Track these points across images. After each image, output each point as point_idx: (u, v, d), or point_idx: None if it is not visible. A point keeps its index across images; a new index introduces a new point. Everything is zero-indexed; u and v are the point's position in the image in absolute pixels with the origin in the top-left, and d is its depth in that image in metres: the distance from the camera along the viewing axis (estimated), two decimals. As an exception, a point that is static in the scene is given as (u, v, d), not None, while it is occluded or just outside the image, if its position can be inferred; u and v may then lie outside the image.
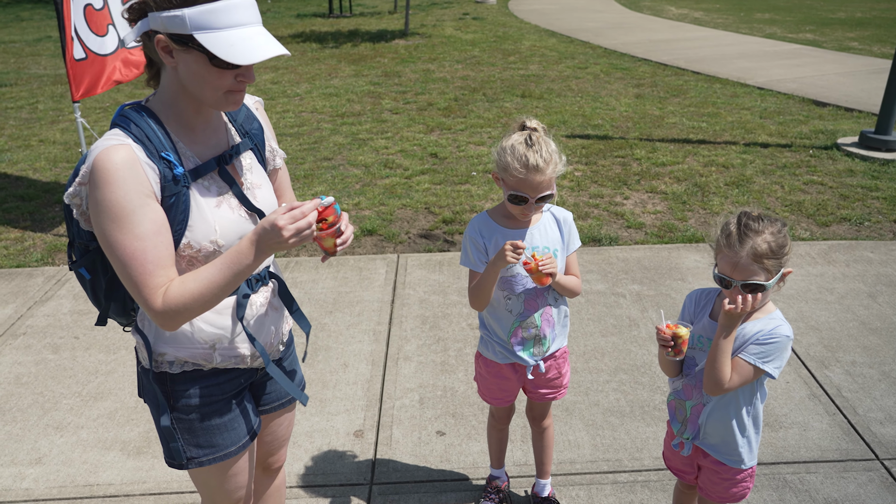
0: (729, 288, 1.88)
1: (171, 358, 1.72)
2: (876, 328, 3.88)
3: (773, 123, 7.68)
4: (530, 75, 10.12)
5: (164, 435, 1.81)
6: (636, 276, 4.46)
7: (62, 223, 5.42)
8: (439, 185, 6.02)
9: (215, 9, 1.46)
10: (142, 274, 1.51)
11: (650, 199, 5.71)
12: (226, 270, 1.55)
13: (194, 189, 1.63)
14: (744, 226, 1.84)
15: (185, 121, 1.65)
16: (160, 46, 1.51)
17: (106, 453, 3.05)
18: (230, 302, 1.73)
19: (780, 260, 1.84)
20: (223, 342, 1.74)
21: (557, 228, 2.30)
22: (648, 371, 3.53)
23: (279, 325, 1.89)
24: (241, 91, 1.59)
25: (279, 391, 2.02)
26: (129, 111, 1.59)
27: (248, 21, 1.51)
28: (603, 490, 2.81)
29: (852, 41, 12.99)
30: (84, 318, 4.08)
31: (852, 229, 5.15)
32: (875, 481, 2.83)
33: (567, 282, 2.29)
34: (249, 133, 1.80)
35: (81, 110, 8.23)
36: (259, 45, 1.50)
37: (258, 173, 1.80)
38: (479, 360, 2.50)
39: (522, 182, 2.09)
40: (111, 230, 1.50)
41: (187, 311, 1.55)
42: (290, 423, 2.14)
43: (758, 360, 1.91)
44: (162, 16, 1.47)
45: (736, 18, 16.08)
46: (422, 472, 2.91)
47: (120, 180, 1.48)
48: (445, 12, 17.14)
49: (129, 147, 1.51)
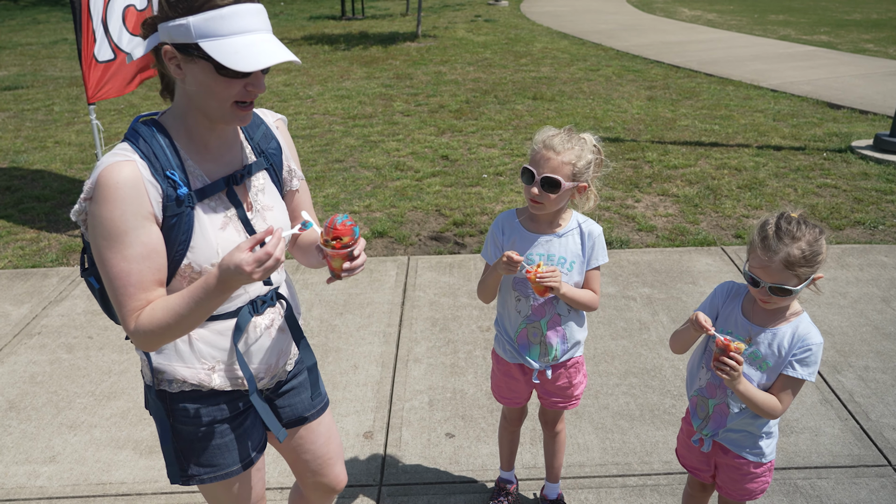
0: (757, 287, 1.89)
1: (169, 377, 1.69)
2: (889, 333, 3.85)
3: (787, 126, 7.63)
4: (542, 77, 10.11)
5: (166, 452, 1.79)
6: (647, 280, 4.44)
7: (76, 224, 5.47)
8: (450, 187, 6.03)
9: (220, 15, 1.43)
10: (123, 295, 1.52)
11: (662, 201, 5.69)
12: (191, 303, 1.51)
13: (199, 209, 1.59)
14: (782, 230, 1.84)
15: (197, 137, 1.61)
16: (168, 58, 1.50)
17: (119, 452, 3.08)
18: (231, 324, 1.69)
19: (811, 268, 1.84)
20: (222, 364, 1.70)
21: (580, 241, 2.26)
22: (658, 375, 3.52)
23: (286, 346, 1.84)
24: (249, 104, 1.56)
25: (295, 406, 1.95)
26: (140, 125, 1.58)
27: (254, 28, 1.47)
28: (612, 494, 2.80)
29: (868, 43, 12.89)
30: (97, 319, 4.12)
31: (866, 233, 5.11)
32: (887, 487, 2.81)
33: (578, 295, 2.24)
34: (266, 152, 1.74)
35: (96, 112, 8.31)
36: (265, 52, 1.46)
37: (271, 195, 1.74)
38: (493, 357, 2.53)
39: (535, 156, 2.13)
40: (103, 247, 1.50)
41: (157, 337, 1.54)
42: (328, 440, 2.04)
43: (804, 374, 1.95)
44: (169, 26, 1.46)
45: (750, 20, 15.99)
46: (431, 474, 2.92)
47: (119, 199, 1.47)
48: (457, 14, 17.16)
49: (133, 164, 1.49)
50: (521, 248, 2.25)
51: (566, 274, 2.24)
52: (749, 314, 2.01)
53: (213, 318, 1.68)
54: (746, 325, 2.01)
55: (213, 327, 1.68)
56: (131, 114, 8.55)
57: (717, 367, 1.89)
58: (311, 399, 1.98)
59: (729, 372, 1.87)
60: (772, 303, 1.92)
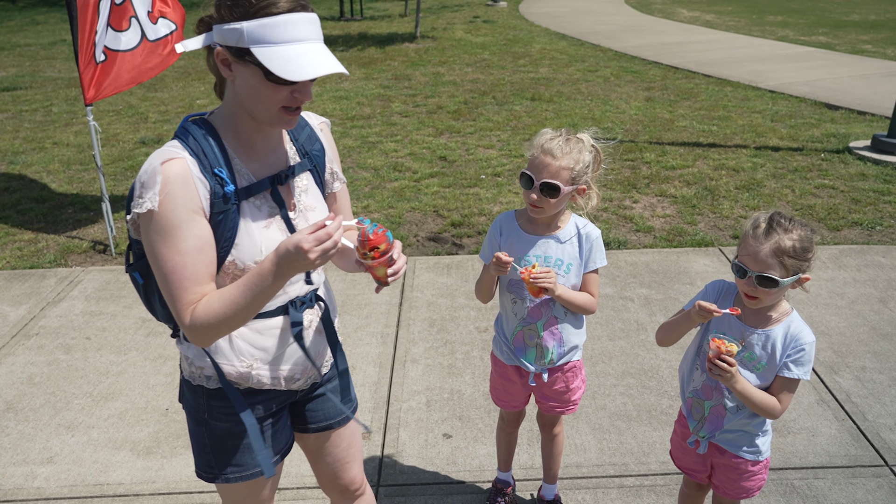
0: (744, 278, 1.91)
1: (209, 373, 1.72)
2: (887, 333, 3.86)
3: (785, 127, 7.64)
4: (540, 78, 10.12)
5: (196, 446, 1.82)
6: (644, 280, 4.45)
7: (75, 225, 5.48)
8: (448, 188, 6.03)
9: (273, 23, 1.45)
10: (178, 289, 1.53)
11: (659, 202, 5.70)
12: (247, 291, 1.52)
13: (245, 208, 1.62)
14: (774, 222, 1.89)
15: (244, 137, 1.64)
16: (219, 59, 1.53)
17: (116, 453, 3.08)
18: (271, 323, 1.71)
19: (800, 262, 1.87)
20: (259, 363, 1.72)
21: (578, 243, 2.26)
22: (656, 375, 3.53)
23: (322, 349, 1.85)
24: (296, 109, 1.58)
25: (327, 411, 1.97)
26: (190, 124, 1.61)
27: (306, 37, 1.49)
28: (609, 494, 2.81)
29: (866, 44, 12.91)
30: (95, 320, 4.12)
31: (864, 234, 5.12)
32: (884, 487, 2.82)
33: (574, 298, 2.24)
34: (310, 154, 1.77)
35: (94, 113, 8.31)
36: (314, 62, 1.47)
37: (314, 196, 1.77)
38: (491, 358, 2.53)
39: (533, 161, 2.14)
40: (156, 242, 1.52)
41: (213, 329, 1.55)
42: (350, 444, 2.07)
43: (799, 374, 1.97)
44: (223, 28, 1.48)
45: (748, 21, 16.01)
46: (428, 475, 2.92)
47: (170, 194, 1.49)
48: (456, 15, 17.18)
49: (183, 161, 1.52)
50: (519, 249, 2.26)
51: (563, 276, 2.24)
52: (742, 315, 2.02)
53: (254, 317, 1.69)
54: (740, 326, 2.02)
55: (253, 325, 1.70)
56: (130, 115, 8.56)
57: (711, 370, 1.91)
58: (342, 404, 2.00)
59: (722, 374, 1.89)
60: (758, 299, 1.93)
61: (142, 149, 7.21)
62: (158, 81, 10.31)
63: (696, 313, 1.96)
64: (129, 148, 7.27)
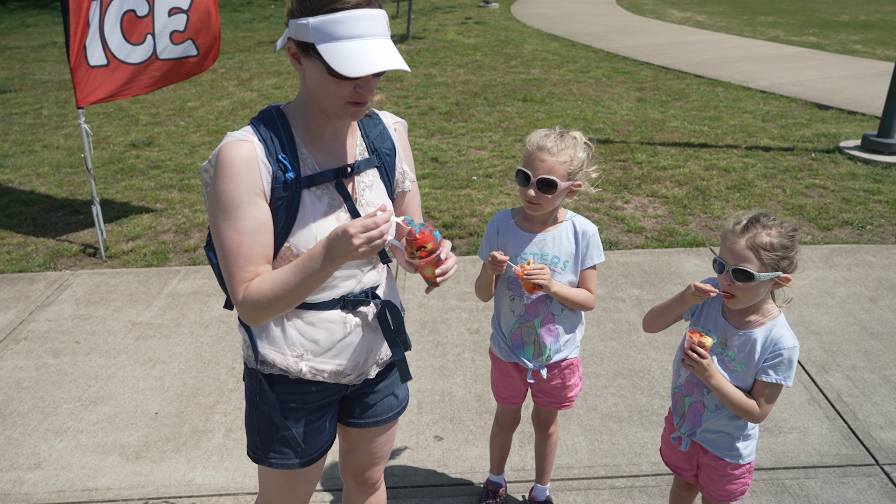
0: (722, 272, 1.92)
1: (262, 358, 1.77)
2: (877, 332, 3.87)
3: (776, 127, 7.66)
4: (532, 79, 10.13)
5: (248, 426, 1.88)
6: (636, 281, 4.45)
7: (64, 229, 5.45)
8: (440, 189, 6.03)
9: (337, 19, 1.48)
10: (233, 266, 1.60)
11: (651, 203, 5.70)
12: (297, 273, 1.57)
13: (305, 196, 1.66)
14: (755, 218, 1.90)
15: (313, 128, 1.68)
16: (290, 52, 1.59)
17: (105, 458, 3.05)
18: (324, 316, 1.75)
19: (778, 259, 1.87)
20: (310, 354, 1.76)
21: (574, 240, 2.27)
22: (647, 376, 3.53)
23: (375, 346, 1.86)
24: (361, 102, 1.59)
25: (375, 408, 1.98)
26: (264, 111, 1.68)
27: (369, 33, 1.51)
28: (601, 495, 2.80)
29: (856, 44, 12.97)
30: (85, 323, 4.09)
31: (854, 233, 5.13)
32: (875, 486, 2.82)
33: (571, 294, 2.24)
34: (379, 151, 1.80)
35: (85, 116, 8.27)
36: (373, 59, 1.49)
37: (378, 192, 1.79)
38: (490, 355, 2.54)
39: (529, 157, 2.15)
40: (218, 219, 1.60)
41: (263, 309, 1.61)
42: (386, 441, 2.10)
43: (777, 379, 1.95)
44: (295, 23, 1.53)
45: (739, 21, 16.07)
46: (419, 477, 2.91)
47: (235, 175, 1.57)
48: (448, 17, 17.18)
49: (251, 144, 1.60)
50: (515, 247, 2.27)
51: (560, 273, 2.25)
52: (727, 314, 2.03)
53: (305, 308, 1.74)
54: (724, 325, 2.02)
55: (306, 317, 1.74)
56: (120, 118, 8.51)
57: (684, 360, 1.93)
58: (392, 405, 2.02)
59: (694, 365, 1.90)
60: (736, 297, 1.92)
61: (132, 151, 7.18)
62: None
63: (691, 294, 1.98)
64: (120, 151, 7.23)
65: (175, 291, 4.44)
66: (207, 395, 3.44)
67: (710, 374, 1.92)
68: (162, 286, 4.51)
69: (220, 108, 8.78)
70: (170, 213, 5.67)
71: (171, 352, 3.80)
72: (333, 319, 1.75)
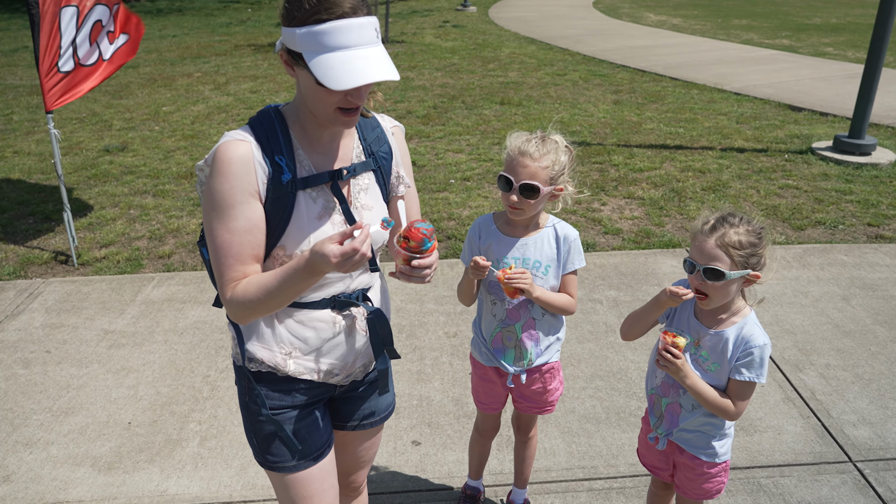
0: (693, 272, 1.94)
1: (250, 355, 1.77)
2: (849, 331, 3.92)
3: (750, 128, 7.75)
4: (509, 82, 10.16)
5: (246, 432, 1.88)
6: (613, 283, 4.47)
7: (35, 236, 5.35)
8: (417, 192, 6.01)
9: (323, 31, 1.48)
10: (223, 265, 1.62)
11: (627, 204, 5.74)
12: (280, 281, 1.58)
13: (301, 197, 1.66)
14: (723, 218, 1.92)
15: (310, 130, 1.70)
16: (282, 59, 1.60)
17: (76, 469, 3.00)
18: (314, 315, 1.75)
19: (747, 256, 1.88)
20: (298, 352, 1.77)
21: (555, 245, 2.27)
22: (624, 377, 3.54)
23: (364, 348, 1.86)
24: (353, 110, 1.60)
25: (364, 411, 1.99)
26: (263, 111, 1.69)
27: (356, 43, 1.50)
28: (578, 498, 2.80)
29: (827, 47, 13.18)
30: (56, 332, 4.02)
31: (827, 233, 5.20)
32: (848, 483, 2.85)
33: (552, 299, 2.24)
34: (376, 155, 1.80)
35: (56, 121, 8.15)
36: (358, 70, 1.48)
37: (373, 196, 1.80)
38: (471, 360, 2.53)
39: (511, 163, 2.14)
40: (211, 217, 1.61)
41: (248, 310, 1.63)
42: (372, 446, 2.11)
43: (750, 377, 1.97)
44: (285, 31, 1.55)
45: (713, 25, 16.25)
46: (397, 483, 2.89)
47: (230, 174, 1.58)
48: (426, 20, 17.18)
49: (248, 144, 1.61)
50: (497, 251, 2.26)
51: (541, 277, 2.24)
52: (699, 315, 2.04)
53: (296, 307, 1.74)
54: (697, 325, 2.04)
55: (296, 315, 1.75)
56: (94, 123, 8.40)
57: (658, 361, 1.94)
58: (379, 408, 2.03)
59: (668, 366, 1.91)
60: (708, 298, 1.94)
61: (106, 157, 7.08)
62: (123, 88, 10.14)
63: (666, 298, 1.98)
64: (93, 156, 7.13)
65: (149, 299, 4.38)
66: (182, 404, 3.39)
67: (684, 374, 1.93)
68: (135, 293, 4.44)
69: (195, 113, 8.69)
70: (144, 219, 5.60)
71: (144, 360, 3.75)
72: (323, 319, 1.76)
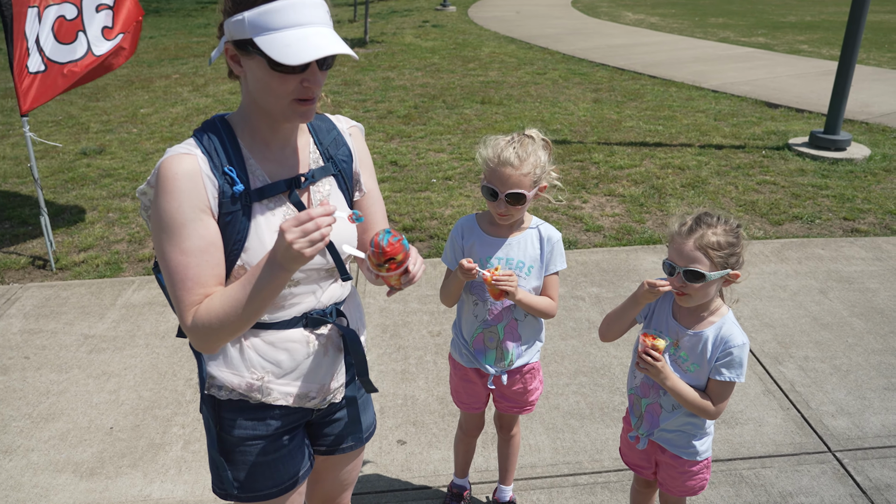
0: (673, 275, 1.95)
1: (219, 383, 1.66)
2: (827, 323, 3.98)
3: (727, 125, 7.84)
4: (490, 82, 10.18)
5: (211, 460, 1.74)
6: (595, 279, 4.50)
7: (12, 241, 5.27)
8: (399, 192, 6.01)
9: (273, 9, 1.39)
10: (181, 289, 1.48)
11: (608, 202, 5.78)
12: (247, 286, 1.45)
13: (256, 210, 1.56)
14: (699, 219, 1.93)
15: (260, 137, 1.58)
16: (229, 55, 1.49)
17: (58, 476, 2.96)
18: (285, 335, 1.65)
19: (726, 257, 1.90)
20: (271, 376, 1.65)
21: (539, 246, 2.27)
22: (608, 373, 3.57)
23: (341, 367, 1.77)
24: (308, 100, 1.49)
25: (340, 434, 1.89)
26: (209, 121, 1.58)
27: (309, 21, 1.41)
28: (563, 493, 2.82)
29: (802, 44, 13.35)
30: (35, 338, 3.97)
31: (804, 227, 5.28)
32: (827, 473, 2.90)
33: (534, 302, 2.24)
34: (335, 158, 1.70)
35: (32, 124, 8.03)
36: (316, 45, 1.39)
37: (336, 202, 1.69)
38: (450, 361, 2.53)
39: (493, 173, 2.12)
40: (162, 240, 1.49)
41: (215, 333, 1.48)
42: (354, 468, 2.01)
43: (730, 377, 1.99)
44: (230, 22, 1.44)
45: (691, 23, 16.41)
46: (383, 482, 2.89)
47: (177, 191, 1.46)
48: (405, 20, 17.17)
49: (194, 158, 1.49)
50: (480, 252, 2.26)
51: (524, 278, 2.25)
52: (677, 315, 2.06)
53: (264, 327, 1.63)
54: (675, 326, 2.05)
55: (266, 337, 1.64)
56: (70, 125, 8.29)
57: (639, 364, 1.95)
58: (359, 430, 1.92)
59: (649, 368, 1.92)
60: (688, 296, 1.95)
61: (83, 160, 6.99)
62: (100, 91, 10.02)
63: (645, 292, 1.99)
64: (70, 159, 7.04)
65: (129, 302, 4.33)
66: (164, 408, 3.37)
67: (665, 376, 1.95)
68: (115, 297, 4.40)
69: (174, 115, 8.62)
70: (123, 222, 5.54)
71: (125, 364, 3.71)
72: (296, 339, 1.65)
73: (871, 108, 8.42)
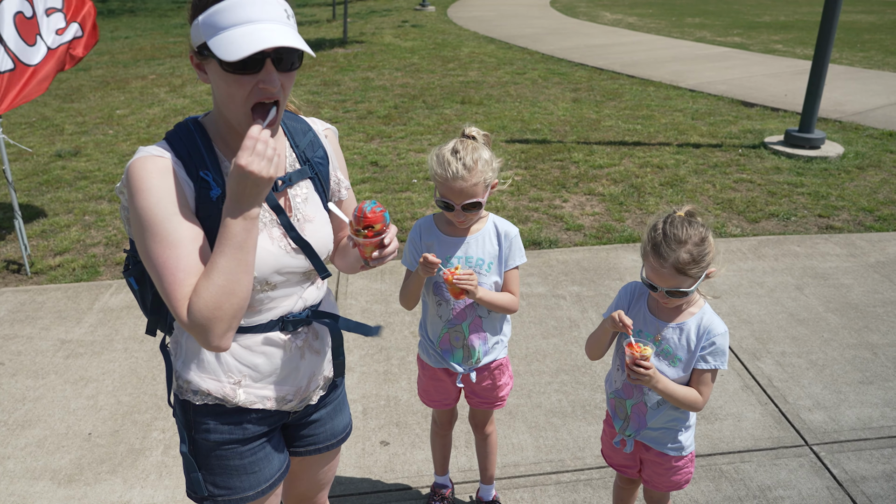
0: (656, 291, 1.96)
1: (194, 388, 1.63)
2: (803, 319, 4.04)
3: (705, 124, 7.93)
4: (469, 82, 10.20)
5: (185, 464, 1.72)
6: (576, 278, 4.53)
7: (-14, 244, 5.19)
8: (380, 193, 6.00)
9: (221, 8, 1.36)
10: (171, 283, 1.40)
11: (588, 201, 5.82)
12: (222, 245, 1.39)
13: None
14: (669, 236, 1.90)
15: (231, 141, 1.56)
16: (194, 64, 1.46)
17: (35, 483, 2.92)
18: (262, 338, 1.64)
19: (702, 266, 1.92)
20: (248, 380, 1.64)
21: (497, 242, 2.29)
22: (589, 371, 3.59)
23: (317, 369, 1.76)
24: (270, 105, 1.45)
25: (319, 436, 1.89)
26: (181, 124, 1.54)
27: (260, 18, 1.37)
28: (546, 491, 2.83)
29: (777, 44, 13.54)
30: (10, 343, 3.90)
31: (780, 224, 5.35)
32: (805, 466, 2.94)
33: (495, 299, 2.25)
34: (311, 161, 1.68)
35: (5, 126, 7.90)
36: (261, 38, 1.34)
37: (314, 205, 1.68)
38: (418, 362, 2.53)
39: (445, 188, 2.13)
40: (145, 239, 1.42)
41: (211, 312, 1.39)
42: (330, 468, 2.01)
43: (715, 364, 2.01)
44: (192, 29, 1.42)
45: (668, 23, 16.56)
46: (366, 484, 2.89)
47: (154, 188, 1.42)
48: (384, 20, 17.14)
49: (167, 161, 1.46)
50: (439, 251, 2.27)
51: (484, 274, 2.27)
52: (655, 311, 2.08)
53: (241, 331, 1.62)
54: (654, 321, 2.07)
55: (242, 340, 1.62)
56: (44, 127, 8.17)
57: (629, 376, 1.95)
58: (336, 431, 1.93)
59: (641, 378, 1.93)
60: (672, 302, 1.99)
61: (58, 162, 6.90)
62: (75, 92, 9.89)
63: (610, 324, 2.01)
64: (44, 162, 6.94)
65: (107, 306, 4.28)
66: (144, 413, 3.33)
67: (656, 381, 1.96)
68: (93, 301, 4.34)
69: (151, 116, 8.53)
70: (100, 225, 5.47)
71: (103, 369, 3.67)
72: (273, 342, 1.65)
73: (844, 107, 8.57)
